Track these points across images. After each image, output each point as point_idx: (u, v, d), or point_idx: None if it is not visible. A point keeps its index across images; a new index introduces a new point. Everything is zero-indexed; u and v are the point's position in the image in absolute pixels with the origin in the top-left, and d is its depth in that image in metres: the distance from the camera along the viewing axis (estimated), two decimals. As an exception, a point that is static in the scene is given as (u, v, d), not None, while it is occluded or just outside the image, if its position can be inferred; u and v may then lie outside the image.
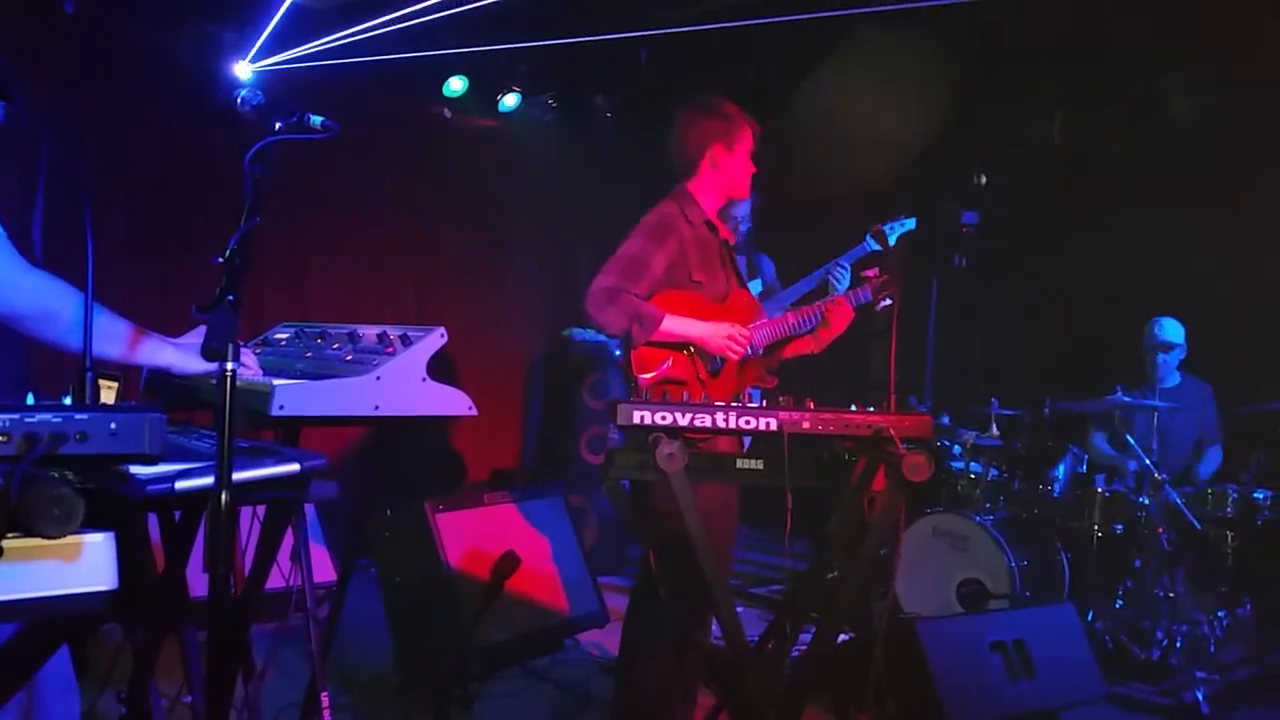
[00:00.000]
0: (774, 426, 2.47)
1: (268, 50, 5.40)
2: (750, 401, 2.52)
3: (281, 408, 2.35)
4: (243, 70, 5.38)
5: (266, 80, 5.42)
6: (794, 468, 2.49)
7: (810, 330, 3.24)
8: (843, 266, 3.57)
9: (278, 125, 2.24)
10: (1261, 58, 5.26)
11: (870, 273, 3.24)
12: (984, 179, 6.66)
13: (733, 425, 2.45)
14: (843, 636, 3.89)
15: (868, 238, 3.66)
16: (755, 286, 4.46)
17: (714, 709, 2.81)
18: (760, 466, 2.58)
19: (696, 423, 2.42)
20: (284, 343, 3.09)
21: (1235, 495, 4.58)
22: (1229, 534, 4.57)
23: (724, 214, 3.42)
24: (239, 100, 2.30)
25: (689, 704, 3.11)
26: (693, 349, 3.06)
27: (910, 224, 3.68)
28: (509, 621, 3.76)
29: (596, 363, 6.37)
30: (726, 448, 2.97)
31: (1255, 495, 4.56)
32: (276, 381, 2.42)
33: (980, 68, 5.96)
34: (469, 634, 3.49)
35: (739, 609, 5.00)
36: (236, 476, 1.94)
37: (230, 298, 1.90)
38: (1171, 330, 5.09)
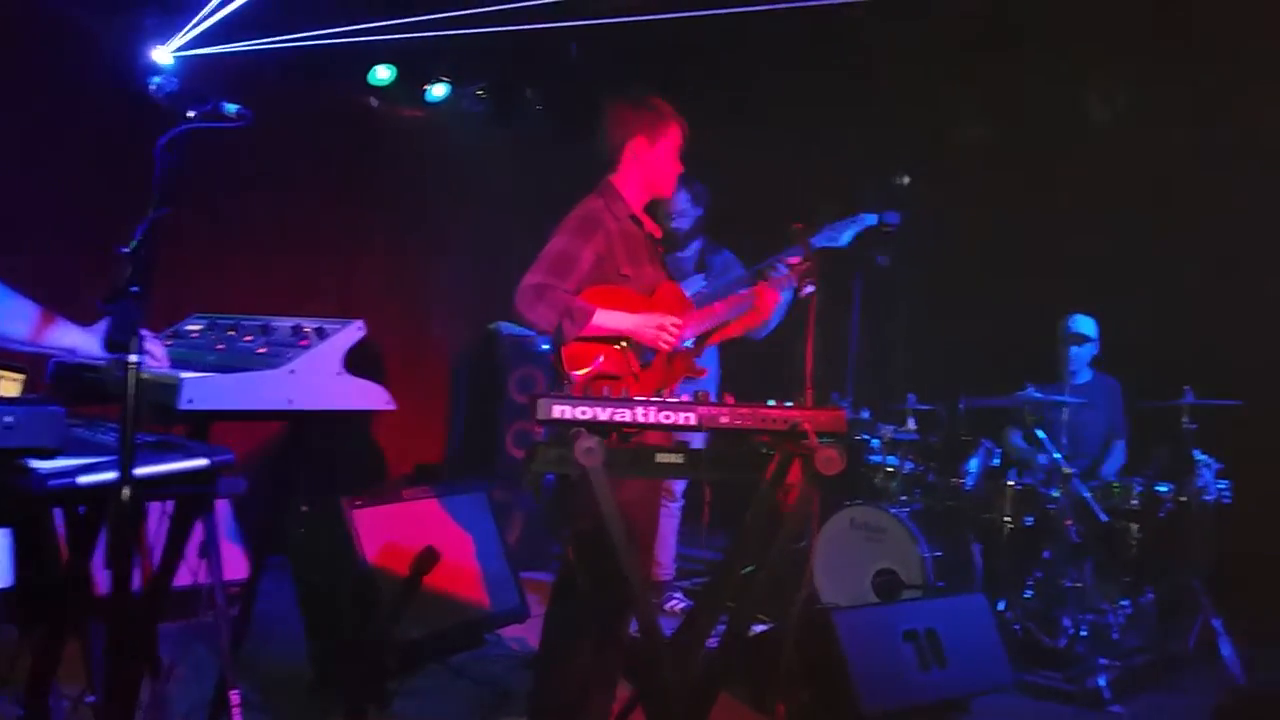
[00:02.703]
0: (693, 421, 2.49)
1: (190, 35, 5.27)
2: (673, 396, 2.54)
3: (190, 401, 2.31)
4: (163, 55, 5.24)
5: (187, 66, 5.29)
6: (713, 462, 2.52)
7: (737, 317, 3.28)
8: (779, 268, 3.57)
9: (191, 114, 2.20)
10: (1175, 60, 5.45)
11: (793, 260, 3.28)
12: (906, 179, 6.80)
13: (653, 420, 2.47)
14: (762, 627, 3.95)
15: (815, 236, 3.63)
16: (697, 283, 4.47)
17: (629, 701, 2.84)
18: (679, 460, 2.61)
19: (616, 418, 2.44)
20: (195, 335, 3.03)
21: (1140, 489, 4.74)
22: (1133, 526, 4.73)
23: (654, 209, 3.42)
24: (152, 87, 2.25)
25: (607, 697, 3.12)
26: (625, 343, 3.07)
27: (870, 220, 3.62)
28: (428, 618, 3.74)
29: (524, 357, 6.35)
30: (655, 441, 2.98)
31: (1159, 489, 4.73)
32: (185, 375, 2.37)
33: (901, 67, 6.07)
34: (386, 630, 3.45)
35: (682, 602, 5.07)
36: (141, 472, 1.91)
37: (135, 289, 1.87)
38: (1084, 324, 5.26)
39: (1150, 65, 5.60)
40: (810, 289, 3.13)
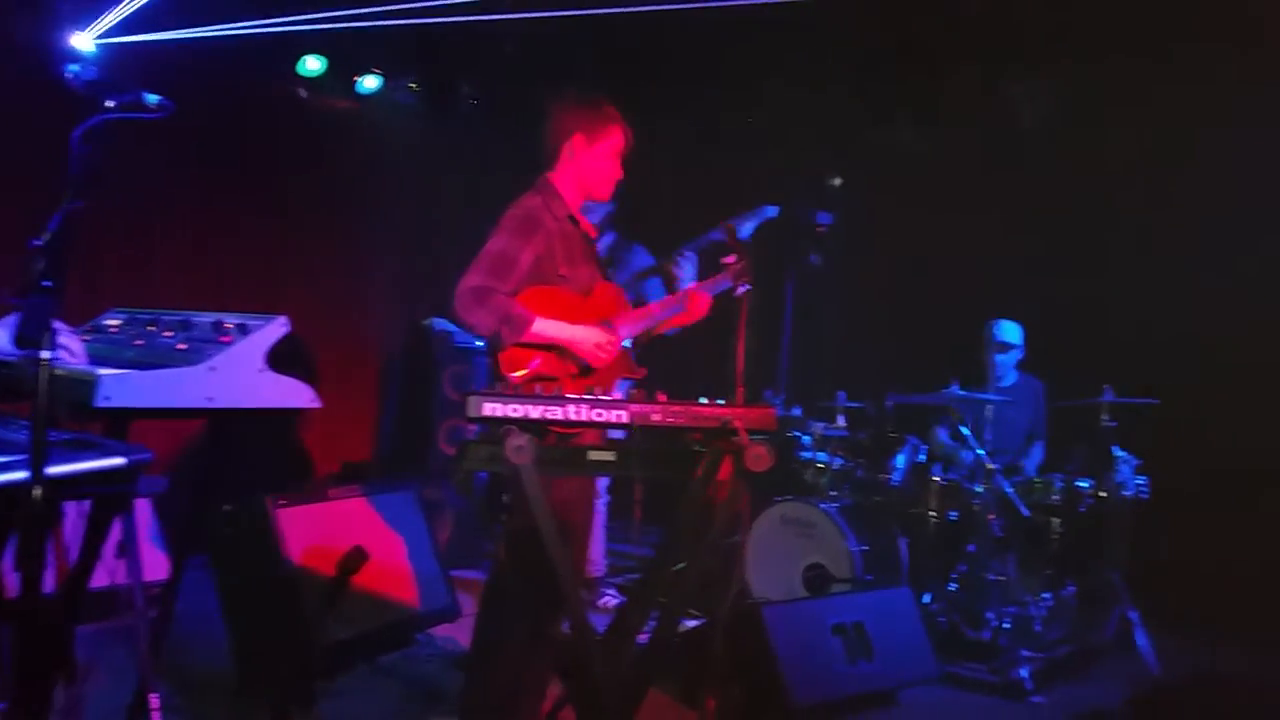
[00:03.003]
0: (625, 419, 2.50)
1: (112, 21, 5.11)
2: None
3: (107, 399, 2.25)
4: (83, 42, 5.08)
5: (108, 54, 5.13)
6: (645, 459, 2.52)
7: (669, 318, 3.30)
8: (687, 255, 3.61)
9: (110, 103, 2.14)
10: (1097, 63, 5.60)
11: (729, 259, 3.30)
12: (838, 180, 6.89)
13: (585, 418, 2.47)
14: (693, 623, 3.97)
15: (716, 230, 3.73)
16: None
17: (559, 700, 2.83)
18: (612, 458, 2.61)
19: (549, 415, 2.43)
20: (114, 330, 2.95)
21: (1061, 484, 4.86)
22: (1055, 521, 4.85)
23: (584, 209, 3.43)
24: (70, 75, 2.19)
25: (538, 696, 3.11)
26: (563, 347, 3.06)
27: (770, 213, 3.71)
28: (355, 618, 3.68)
29: (457, 353, 6.30)
30: (593, 441, 2.98)
31: (1079, 484, 4.85)
32: (102, 371, 2.31)
33: (832, 69, 6.14)
34: (311, 632, 3.40)
35: (616, 598, 5.07)
36: (54, 471, 1.85)
37: (48, 284, 1.81)
38: (1009, 332, 5.37)
39: (1071, 68, 5.73)
40: (746, 288, 3.16)
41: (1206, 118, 5.37)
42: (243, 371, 2.58)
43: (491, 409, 2.41)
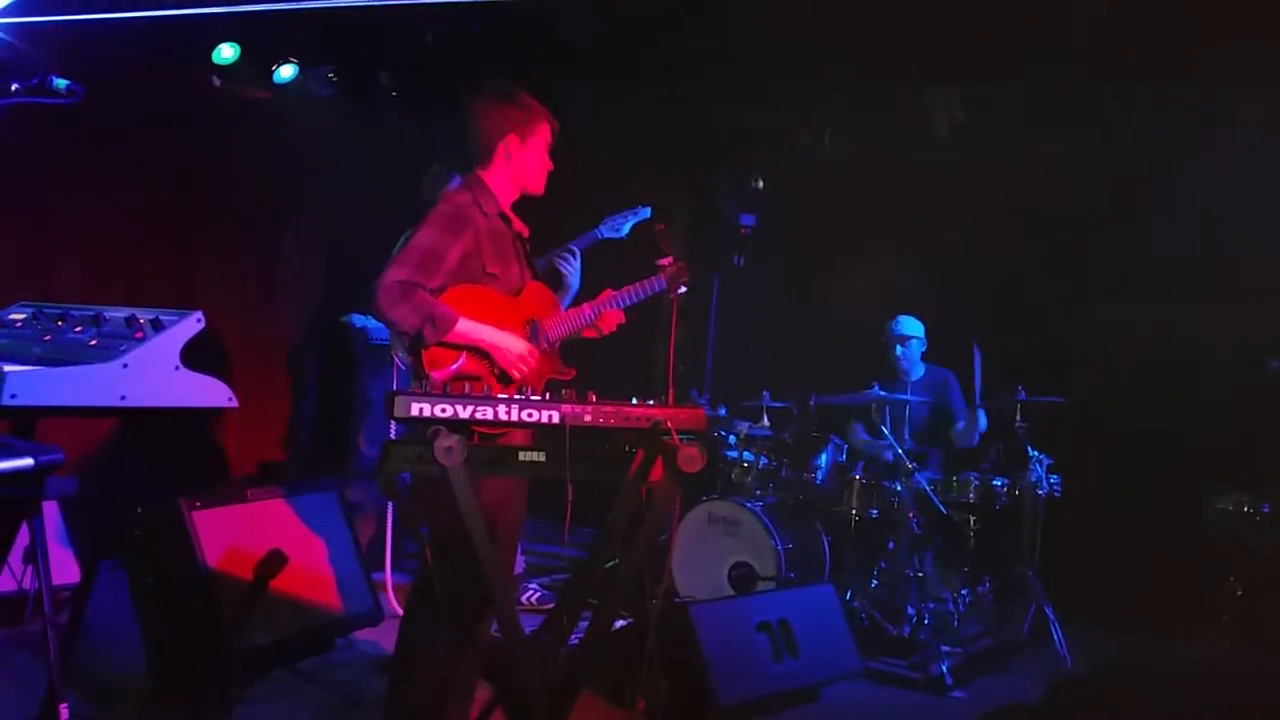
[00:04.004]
0: (556, 419, 2.47)
1: (12, 1, 4.88)
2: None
3: (14, 397, 2.14)
4: (-22, 22, 4.85)
5: (11, 35, 4.90)
6: (576, 460, 2.50)
7: (594, 320, 3.29)
8: (571, 252, 3.64)
9: (15, 87, 2.04)
10: (1008, 67, 5.73)
11: (665, 261, 3.29)
12: (760, 183, 6.95)
13: (515, 418, 2.44)
14: (621, 623, 3.96)
15: (600, 227, 3.77)
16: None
17: (489, 703, 2.80)
18: (542, 459, 2.58)
19: (478, 415, 2.39)
20: (20, 324, 2.82)
21: (977, 482, 4.99)
22: (971, 518, 4.98)
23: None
24: (-32, 55, 2.08)
25: (465, 700, 3.06)
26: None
27: (645, 213, 3.78)
28: (274, 622, 3.59)
29: (376, 351, 6.17)
30: (521, 441, 2.94)
31: (994, 482, 4.98)
32: (8, 368, 2.20)
33: (757, 73, 6.18)
34: (228, 637, 3.30)
35: (538, 593, 5.03)
36: (-43, 473, 1.75)
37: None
38: (907, 325, 5.52)
39: (986, 71, 5.86)
40: (682, 290, 3.16)
41: (1126, 116, 5.54)
42: (157, 369, 2.48)
43: (419, 409, 2.36)
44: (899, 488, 4.95)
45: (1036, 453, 4.91)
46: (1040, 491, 4.88)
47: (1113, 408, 5.47)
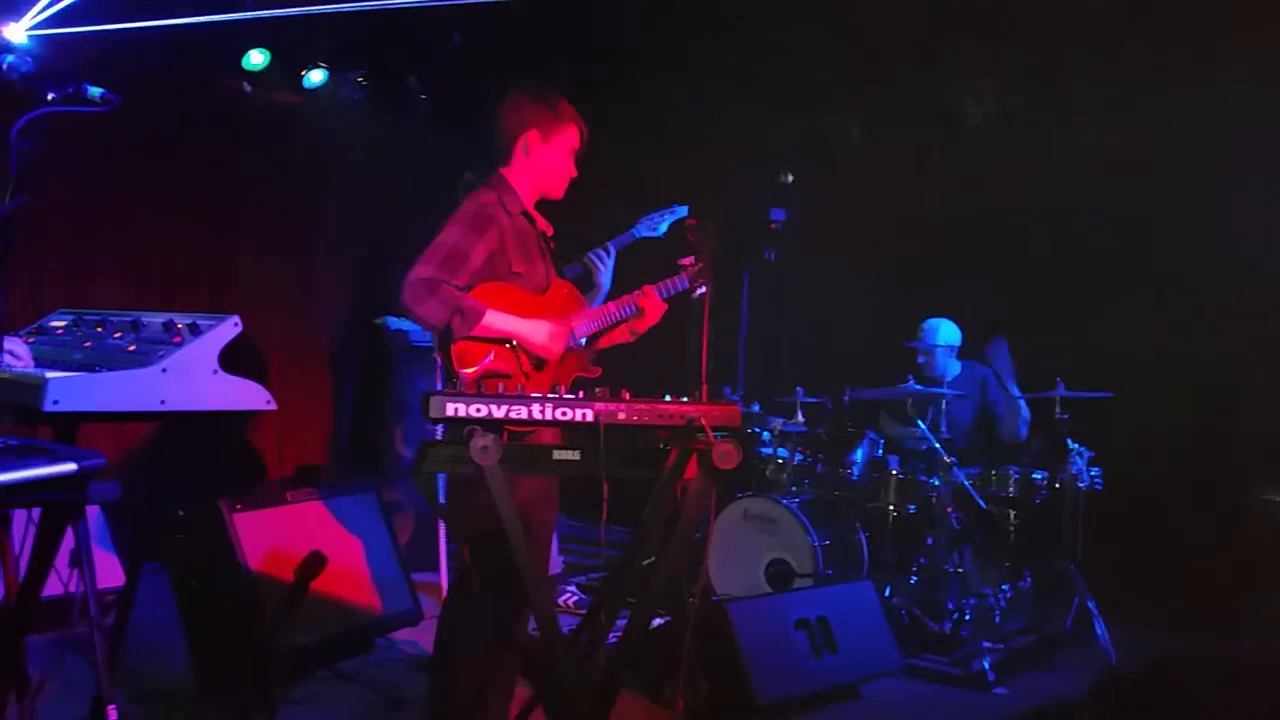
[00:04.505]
0: (590, 417, 2.47)
1: (47, 13, 4.95)
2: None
3: (56, 403, 2.18)
4: (14, 34, 4.92)
5: (43, 46, 4.97)
6: (610, 458, 2.50)
7: (626, 320, 3.26)
8: (606, 251, 3.59)
9: (50, 96, 2.07)
10: (1038, 65, 5.67)
11: (686, 261, 3.28)
12: (790, 177, 6.91)
13: (549, 416, 2.44)
14: (659, 621, 3.96)
15: (637, 226, 3.72)
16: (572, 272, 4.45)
17: (529, 702, 2.80)
18: (577, 457, 2.58)
19: (512, 414, 2.39)
20: (60, 331, 2.86)
21: (1016, 476, 4.92)
22: (1011, 512, 4.91)
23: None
24: (4, 67, 2.11)
25: (505, 699, 3.07)
26: (514, 341, 3.01)
27: (682, 211, 3.74)
28: (315, 623, 3.62)
29: (412, 352, 6.22)
30: (550, 439, 2.94)
31: (1034, 476, 4.91)
32: (50, 374, 2.23)
33: (783, 67, 6.15)
34: (270, 638, 3.33)
35: (575, 596, 5.03)
36: (2, 478, 1.78)
37: (-8, 283, 1.74)
38: (934, 333, 5.43)
39: (1021, 63, 5.80)
40: (702, 290, 3.14)
41: (1166, 117, 5.46)
42: (195, 373, 2.51)
43: (454, 409, 2.36)
44: (937, 482, 4.90)
45: (1077, 445, 4.85)
46: (1081, 484, 4.81)
47: (1155, 399, 5.38)
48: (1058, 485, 4.87)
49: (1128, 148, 5.60)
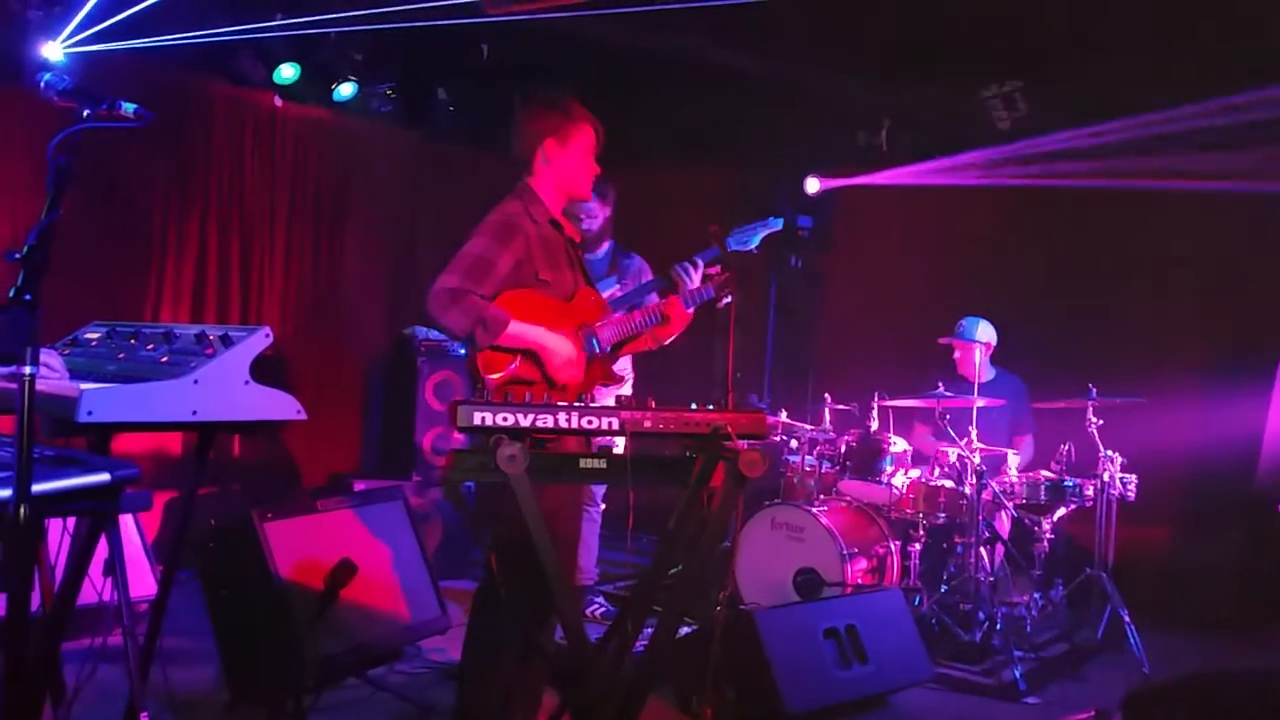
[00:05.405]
0: (616, 426, 2.48)
1: (81, 30, 5.05)
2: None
3: (90, 414, 2.21)
4: (53, 51, 5.01)
5: (79, 63, 5.06)
6: (636, 466, 2.50)
7: (650, 328, 3.28)
8: (694, 264, 3.53)
9: (86, 112, 2.10)
10: (1066, 72, 5.63)
11: (712, 270, 3.28)
12: (818, 184, 6.90)
13: (575, 425, 2.45)
14: (686, 629, 3.95)
15: (727, 239, 3.57)
16: (609, 285, 4.44)
17: (556, 710, 2.80)
18: (603, 466, 2.59)
19: (539, 423, 2.41)
20: (94, 343, 2.90)
21: (1047, 484, 4.87)
22: (1042, 520, 4.86)
23: (569, 212, 3.39)
24: (43, 85, 2.15)
25: (533, 707, 3.08)
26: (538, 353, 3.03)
27: (777, 224, 3.62)
28: (345, 631, 3.64)
29: (440, 361, 6.25)
30: (574, 448, 2.95)
31: (1065, 484, 4.86)
32: (84, 386, 2.27)
33: (810, 74, 6.14)
34: (301, 646, 3.35)
35: (603, 607, 5.03)
36: (38, 488, 1.81)
37: (27, 297, 1.77)
38: (975, 329, 5.38)
39: (1048, 64, 5.76)
40: (728, 299, 3.14)
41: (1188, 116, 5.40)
42: (227, 384, 2.54)
43: (481, 418, 2.38)
44: (967, 490, 4.86)
45: (1109, 452, 4.79)
46: (1113, 492, 4.76)
47: (1189, 404, 5.32)
48: (1089, 492, 4.82)
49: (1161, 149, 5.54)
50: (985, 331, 5.39)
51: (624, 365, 4.77)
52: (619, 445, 2.62)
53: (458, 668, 3.25)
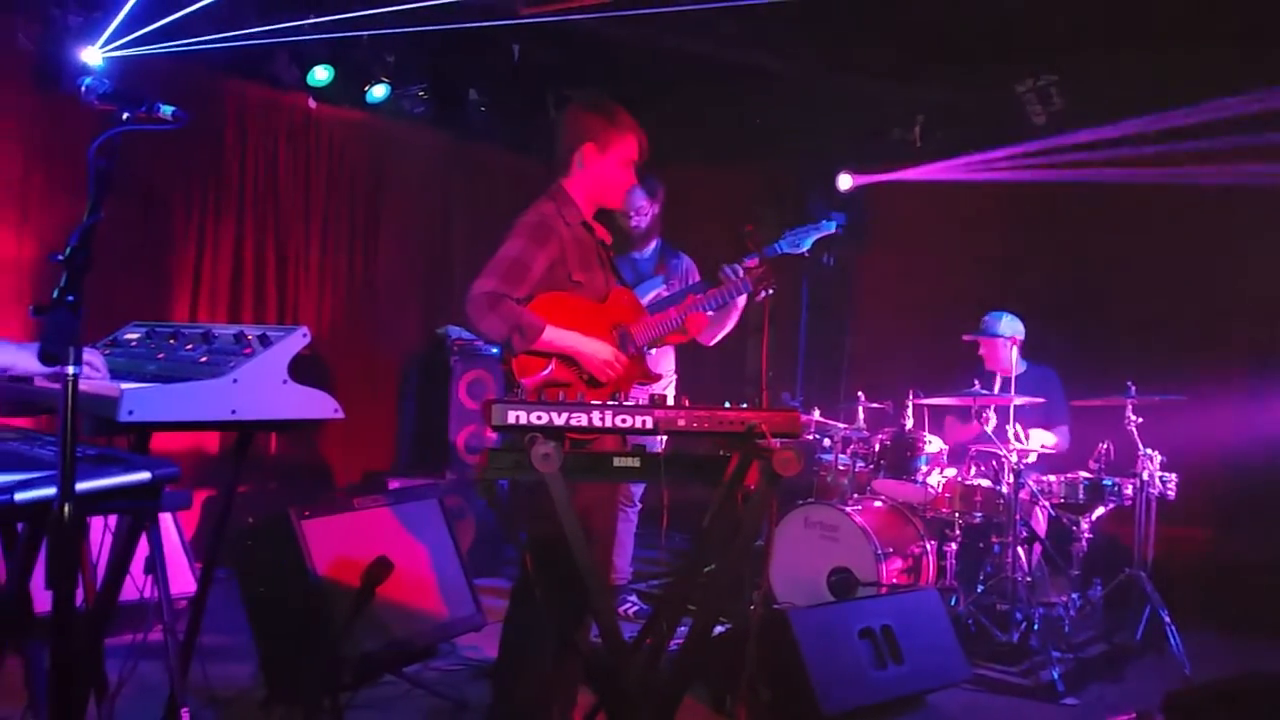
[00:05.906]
0: (650, 425, 2.47)
1: (119, 35, 5.12)
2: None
3: (131, 413, 2.24)
4: (92, 56, 5.09)
5: (117, 67, 5.14)
6: (670, 465, 2.50)
7: (672, 331, 3.29)
8: (744, 267, 3.50)
9: (125, 115, 2.13)
10: (1101, 68, 5.57)
11: (750, 263, 3.26)
12: (850, 181, 6.86)
13: (609, 424, 2.45)
14: (720, 628, 3.94)
15: (779, 242, 3.51)
16: (656, 284, 4.44)
17: (592, 709, 2.80)
18: (637, 464, 2.59)
19: (573, 422, 2.41)
20: (134, 343, 2.94)
21: (1085, 483, 4.81)
22: (1080, 519, 4.80)
23: (625, 211, 3.36)
24: (83, 89, 2.18)
25: (568, 705, 3.09)
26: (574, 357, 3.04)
27: (829, 227, 3.56)
28: (381, 628, 3.66)
29: (473, 361, 6.29)
30: (612, 447, 2.96)
31: (1104, 482, 4.79)
32: (125, 385, 2.30)
33: (842, 70, 6.11)
34: (338, 643, 3.38)
35: (636, 605, 5.04)
36: (81, 487, 1.84)
37: (70, 299, 1.80)
38: (1001, 324, 5.31)
39: (1082, 71, 5.70)
40: (766, 293, 3.13)
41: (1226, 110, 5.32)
42: (265, 383, 2.56)
43: (515, 417, 2.39)
44: (1003, 488, 4.81)
45: (1148, 450, 4.73)
46: (1153, 490, 4.69)
47: (1229, 402, 5.24)
48: (1128, 491, 4.75)
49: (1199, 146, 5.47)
50: (1010, 325, 5.31)
51: (667, 365, 4.78)
52: (657, 443, 2.62)
53: (493, 665, 3.26)
